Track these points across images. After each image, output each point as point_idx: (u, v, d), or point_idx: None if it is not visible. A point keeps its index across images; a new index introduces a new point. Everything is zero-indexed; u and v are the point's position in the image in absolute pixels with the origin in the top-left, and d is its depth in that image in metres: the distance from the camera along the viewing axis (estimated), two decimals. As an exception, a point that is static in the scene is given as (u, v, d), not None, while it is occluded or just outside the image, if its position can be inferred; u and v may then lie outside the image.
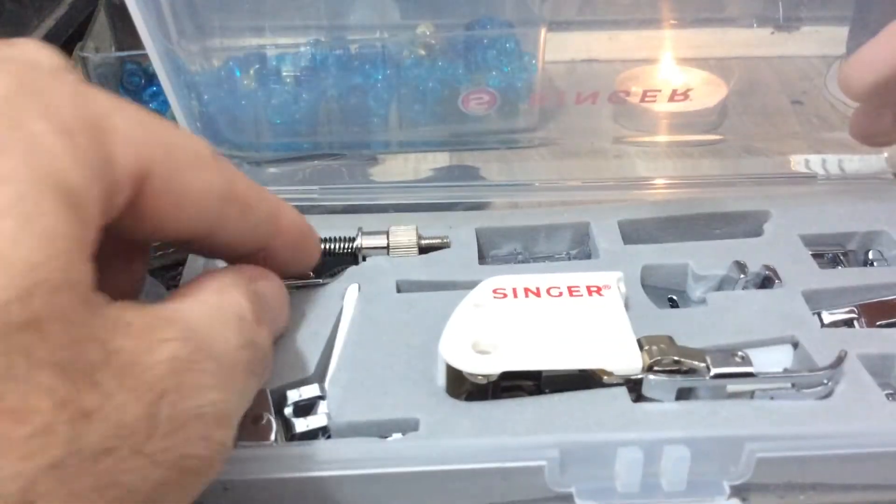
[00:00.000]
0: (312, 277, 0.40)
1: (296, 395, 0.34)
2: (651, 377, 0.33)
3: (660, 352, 0.33)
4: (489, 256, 0.43)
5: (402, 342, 0.36)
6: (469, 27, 0.54)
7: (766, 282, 0.40)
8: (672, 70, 0.49)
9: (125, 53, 0.35)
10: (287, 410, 0.34)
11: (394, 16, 0.52)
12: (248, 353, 0.28)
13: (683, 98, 0.46)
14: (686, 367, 0.33)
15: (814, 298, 0.39)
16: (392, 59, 0.51)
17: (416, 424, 0.32)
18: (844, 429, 0.32)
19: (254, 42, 0.51)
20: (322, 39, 0.50)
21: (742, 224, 0.44)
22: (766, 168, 0.49)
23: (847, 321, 0.39)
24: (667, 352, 0.33)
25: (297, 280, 0.40)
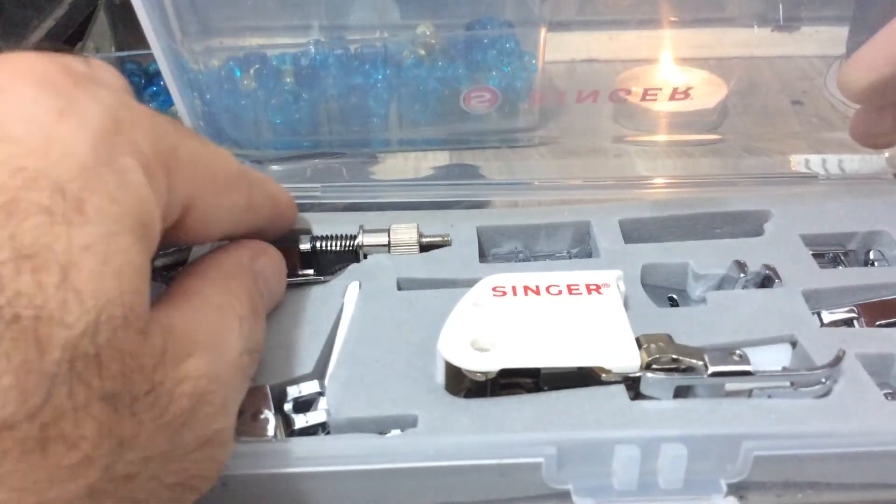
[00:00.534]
0: (314, 275, 0.40)
1: (295, 392, 0.34)
2: (649, 375, 0.33)
3: (658, 350, 0.33)
4: (490, 255, 0.44)
5: (402, 339, 0.36)
6: (469, 27, 0.54)
7: (766, 281, 0.40)
8: (672, 70, 0.49)
9: (125, 53, 0.36)
10: (287, 407, 0.34)
11: (394, 16, 0.52)
12: (248, 359, 0.29)
13: (684, 96, 0.46)
14: (684, 366, 0.33)
15: (814, 298, 0.39)
16: (392, 59, 0.51)
17: (415, 421, 0.32)
18: (842, 428, 0.32)
19: (254, 42, 0.51)
20: (322, 39, 0.50)
21: (742, 224, 0.44)
22: (767, 168, 0.49)
23: (847, 321, 0.39)
24: (665, 350, 0.33)
25: (299, 277, 0.40)
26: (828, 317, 0.39)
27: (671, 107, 0.49)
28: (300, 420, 0.33)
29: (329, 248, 0.41)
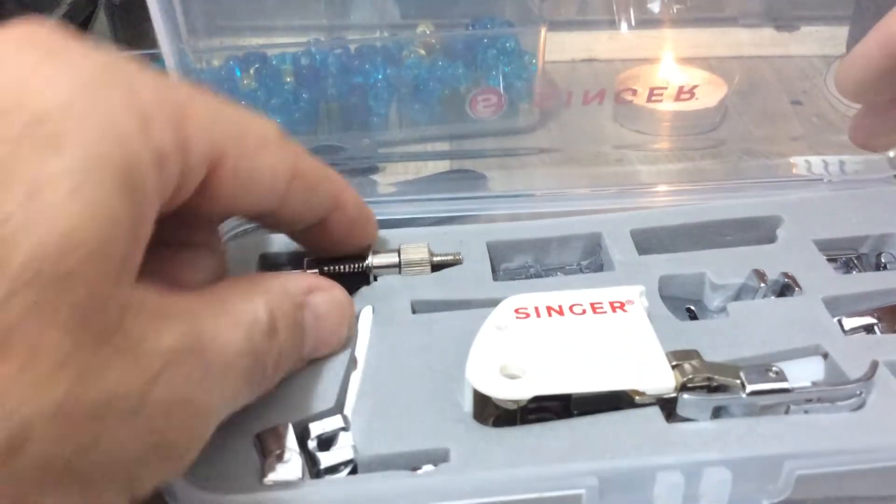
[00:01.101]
0: None
1: (319, 428, 0.33)
2: (685, 396, 0.32)
3: (692, 370, 0.33)
4: (501, 270, 0.42)
5: (424, 366, 0.35)
6: (469, 26, 0.54)
7: (786, 290, 0.39)
8: (672, 70, 0.49)
9: (125, 53, 0.34)
10: (311, 444, 0.32)
11: (394, 15, 0.52)
12: (248, 362, 0.28)
13: (690, 96, 0.46)
14: (718, 384, 0.33)
15: (833, 305, 0.38)
16: (392, 59, 0.51)
17: (447, 455, 0.31)
18: (882, 441, 0.31)
19: (254, 42, 0.51)
20: (322, 39, 0.50)
21: (754, 230, 0.43)
22: (769, 170, 0.49)
23: (867, 327, 0.38)
24: (699, 369, 0.33)
25: None
26: (849, 323, 0.38)
27: (672, 107, 0.48)
28: (326, 458, 0.32)
29: (337, 271, 0.39)
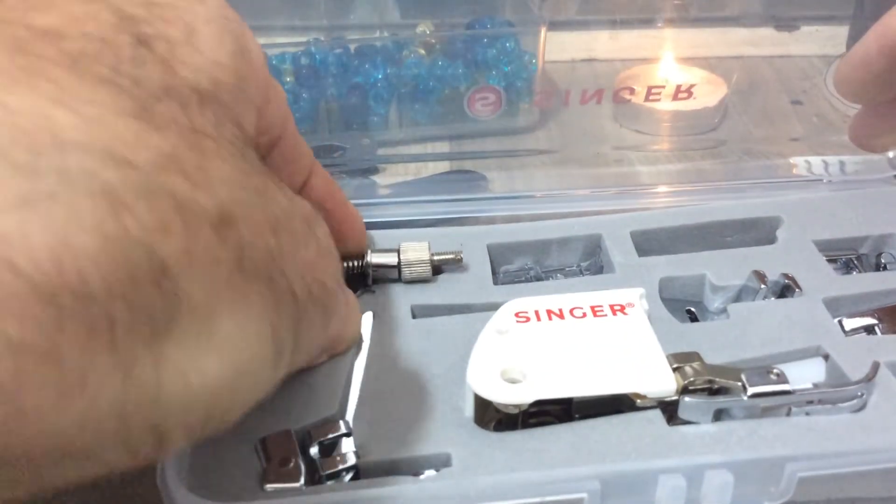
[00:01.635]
0: None
1: (320, 434, 0.32)
2: (687, 399, 0.32)
3: (693, 372, 0.33)
4: (500, 272, 0.42)
5: (424, 371, 0.35)
6: (469, 26, 0.54)
7: (786, 291, 0.39)
8: (672, 69, 0.49)
9: None
10: (313, 450, 0.32)
11: (394, 15, 0.52)
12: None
13: (687, 95, 0.45)
14: (720, 387, 0.33)
15: (833, 305, 0.38)
16: (392, 59, 0.51)
17: (449, 460, 0.31)
18: (883, 443, 0.31)
19: None
20: (322, 39, 0.50)
21: (753, 231, 0.43)
22: (769, 171, 0.49)
23: (868, 327, 0.38)
24: (700, 372, 0.33)
25: None
26: (849, 324, 0.38)
27: (672, 106, 0.48)
28: (328, 464, 0.32)
29: None
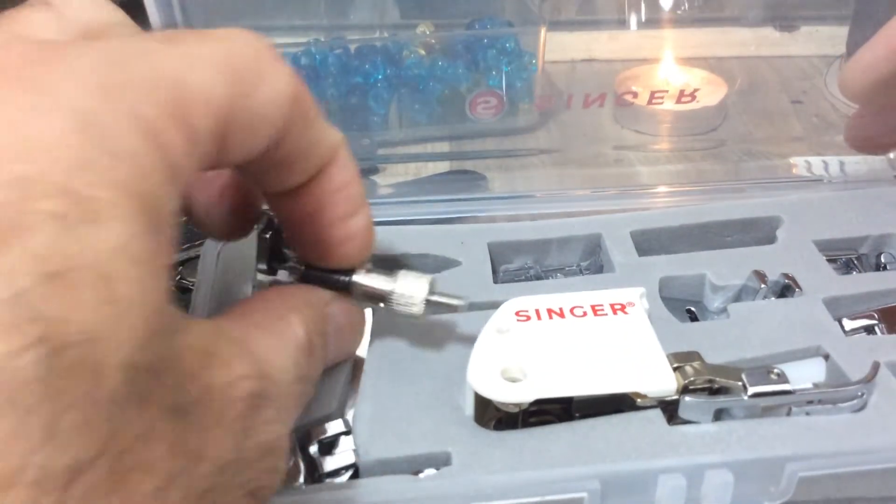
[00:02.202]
0: None
1: (320, 433, 0.33)
2: (687, 398, 0.32)
3: (694, 372, 0.32)
4: (501, 271, 0.42)
5: (424, 370, 0.35)
6: (469, 27, 0.54)
7: (786, 290, 0.39)
8: (672, 70, 0.49)
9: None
10: (312, 449, 0.32)
11: (394, 15, 0.52)
12: (301, 387, 0.28)
13: (690, 99, 0.45)
14: (720, 386, 0.33)
15: (833, 305, 0.38)
16: (392, 59, 0.51)
17: (448, 458, 0.31)
18: (883, 442, 0.31)
19: None
20: (322, 39, 0.50)
21: (753, 231, 0.43)
22: (769, 171, 0.49)
23: (868, 327, 0.38)
24: (701, 371, 0.33)
25: None
26: (849, 324, 0.38)
27: (672, 107, 0.48)
28: (328, 463, 0.32)
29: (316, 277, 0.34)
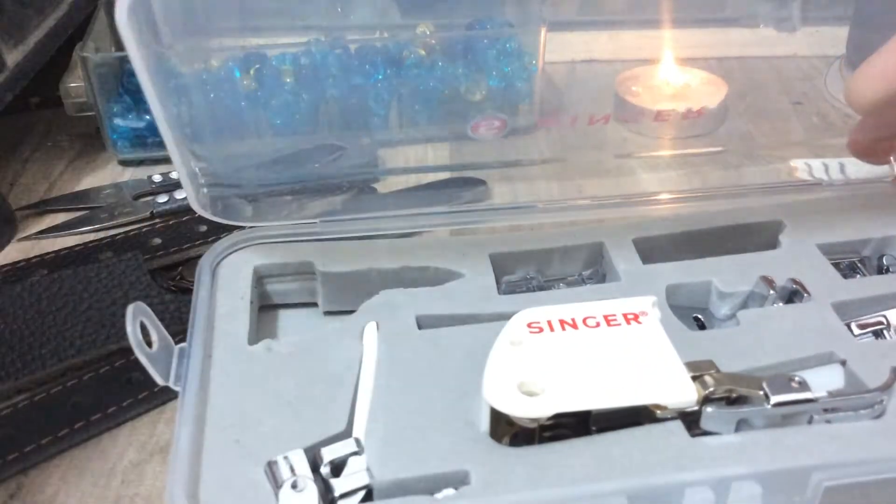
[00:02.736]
0: None
1: (331, 453, 0.31)
2: (709, 409, 0.31)
3: (714, 382, 0.32)
4: (503, 282, 0.41)
5: (435, 384, 0.34)
6: (469, 27, 0.54)
7: (794, 296, 0.39)
8: (672, 70, 0.48)
9: (125, 53, 0.33)
10: (324, 470, 0.31)
11: (394, 15, 0.52)
12: None
13: (697, 116, 0.45)
14: (738, 395, 0.32)
15: (842, 309, 0.38)
16: (392, 59, 0.51)
17: (467, 477, 0.30)
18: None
19: (254, 42, 0.50)
20: (322, 39, 0.49)
21: (756, 236, 0.43)
22: (770, 174, 0.48)
23: (876, 331, 0.38)
24: (721, 381, 0.32)
25: None
26: (858, 328, 0.38)
27: (672, 107, 0.48)
28: (340, 485, 0.30)
29: None
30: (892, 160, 0.43)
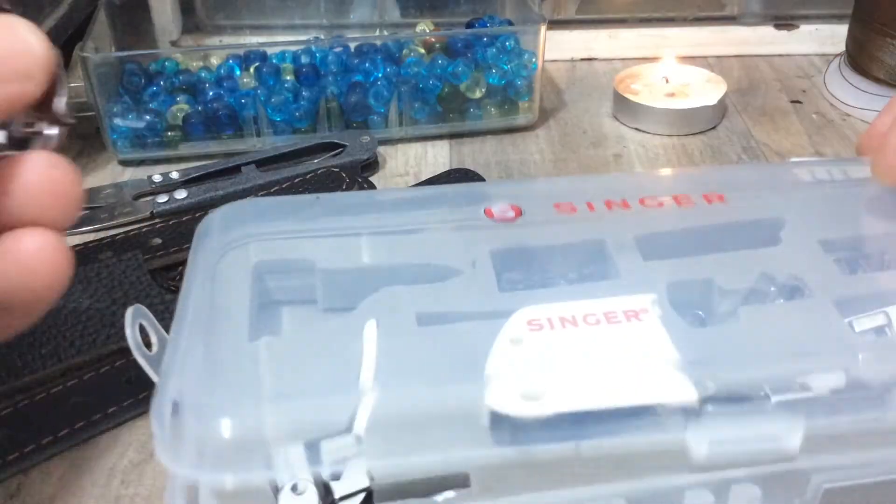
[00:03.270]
0: None
1: (330, 451, 0.31)
2: (709, 408, 0.31)
3: (714, 380, 0.32)
4: (503, 279, 0.41)
5: (435, 383, 0.34)
6: (469, 26, 0.54)
7: (795, 293, 0.38)
8: (672, 68, 0.48)
9: (125, 53, 0.33)
10: (324, 472, 0.31)
11: (394, 14, 0.53)
12: None
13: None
14: (739, 395, 0.32)
15: (843, 306, 0.38)
16: (392, 57, 0.51)
17: (467, 479, 0.30)
18: (907, 450, 0.31)
19: (254, 40, 0.51)
20: (322, 38, 0.51)
21: (756, 232, 0.43)
22: (769, 170, 0.48)
23: (878, 328, 0.38)
24: (721, 380, 0.32)
25: None
26: (860, 325, 0.38)
27: (671, 104, 0.48)
28: (340, 487, 0.30)
29: None
30: None
